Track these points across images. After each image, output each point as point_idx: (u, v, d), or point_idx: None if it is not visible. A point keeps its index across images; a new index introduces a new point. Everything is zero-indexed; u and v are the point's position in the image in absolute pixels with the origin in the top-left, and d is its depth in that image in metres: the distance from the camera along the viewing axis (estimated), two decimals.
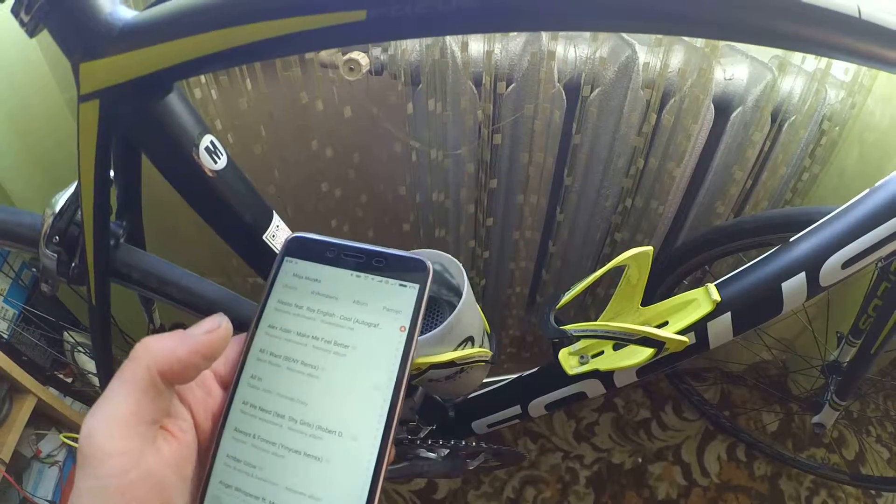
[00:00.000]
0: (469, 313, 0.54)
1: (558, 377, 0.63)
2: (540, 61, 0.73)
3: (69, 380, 1.03)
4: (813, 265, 0.51)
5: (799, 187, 0.88)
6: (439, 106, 0.77)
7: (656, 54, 0.74)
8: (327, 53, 0.71)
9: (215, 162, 0.47)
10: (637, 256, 0.56)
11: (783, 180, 0.87)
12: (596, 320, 0.59)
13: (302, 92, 0.76)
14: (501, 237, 1.00)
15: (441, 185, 0.88)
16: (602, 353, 0.60)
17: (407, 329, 0.26)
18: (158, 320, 0.85)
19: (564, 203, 0.92)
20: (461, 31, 0.37)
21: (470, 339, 0.55)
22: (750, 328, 0.55)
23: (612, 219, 0.94)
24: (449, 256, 0.55)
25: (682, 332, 0.54)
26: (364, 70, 0.72)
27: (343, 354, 0.26)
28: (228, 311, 0.59)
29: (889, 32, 0.37)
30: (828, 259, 0.51)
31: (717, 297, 0.54)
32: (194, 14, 0.38)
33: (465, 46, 0.73)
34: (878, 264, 0.73)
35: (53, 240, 0.53)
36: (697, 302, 0.56)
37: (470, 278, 1.05)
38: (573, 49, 0.76)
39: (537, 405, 0.67)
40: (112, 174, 0.51)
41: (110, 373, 0.67)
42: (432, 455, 0.73)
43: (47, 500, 0.92)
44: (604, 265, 0.56)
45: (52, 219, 0.52)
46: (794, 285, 0.52)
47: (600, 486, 1.15)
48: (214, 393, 0.28)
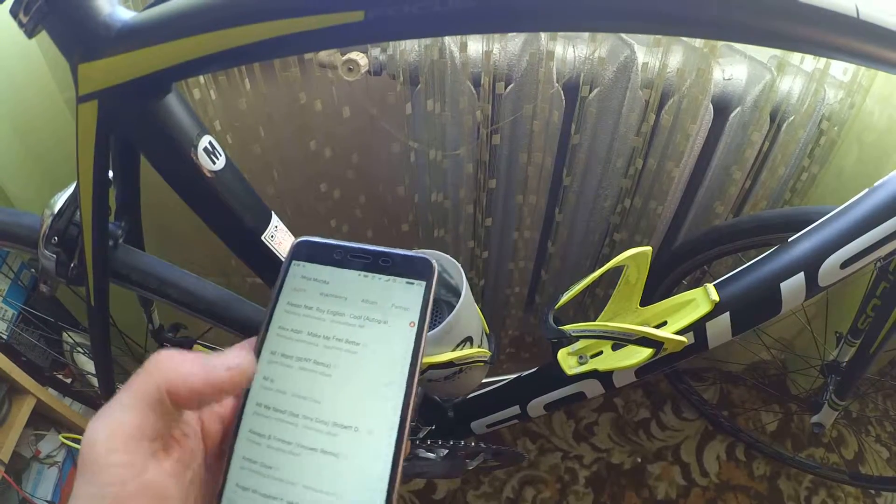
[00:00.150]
0: (468, 314, 0.54)
1: (557, 377, 0.63)
2: (539, 61, 0.73)
3: (68, 380, 1.03)
4: (812, 265, 0.51)
5: (798, 187, 0.88)
6: (438, 106, 0.77)
7: (655, 54, 0.74)
8: (326, 54, 0.71)
9: (214, 163, 0.47)
10: (636, 256, 0.56)
11: (782, 180, 0.87)
12: (595, 320, 0.60)
13: (301, 92, 0.76)
14: (500, 237, 1.00)
15: (440, 185, 0.88)
16: (601, 353, 0.61)
17: (416, 325, 0.27)
18: (158, 320, 0.85)
19: (563, 203, 0.92)
20: (459, 31, 0.37)
21: (469, 340, 0.55)
22: (749, 328, 0.55)
23: (611, 219, 0.94)
24: (447, 257, 0.56)
25: (680, 332, 0.54)
26: (363, 70, 0.72)
27: (355, 352, 0.27)
28: (227, 312, 0.60)
29: (887, 32, 0.37)
30: (826, 259, 0.51)
31: (715, 297, 0.54)
32: (193, 15, 0.38)
33: (463, 47, 0.73)
34: (877, 264, 0.73)
35: (52, 240, 0.53)
36: (696, 302, 0.56)
37: (469, 278, 1.05)
38: (572, 49, 0.76)
39: (536, 405, 0.67)
40: (111, 175, 0.51)
41: (110, 373, 0.67)
42: (431, 455, 0.73)
43: (46, 501, 0.92)
44: (603, 265, 0.57)
45: (51, 219, 0.52)
46: (793, 285, 0.52)
47: (599, 486, 1.15)
48: (226, 402, 0.27)
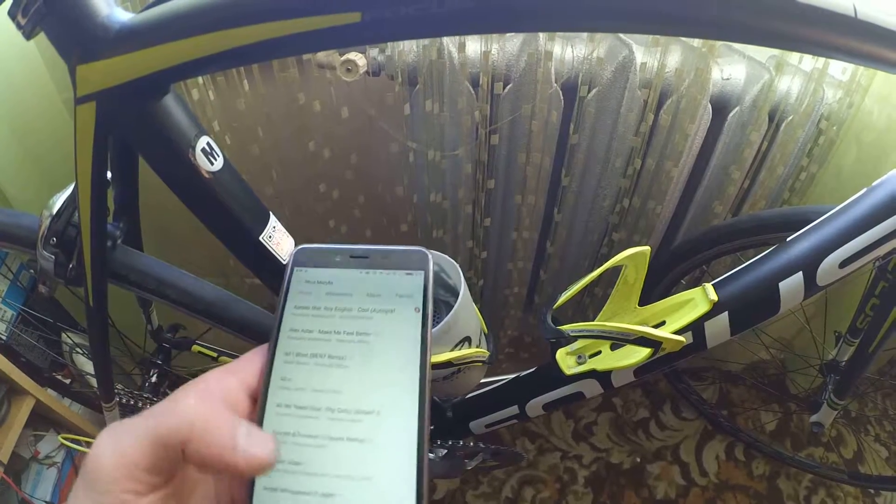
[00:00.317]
0: (466, 314, 0.54)
1: (556, 377, 0.63)
2: (537, 61, 0.73)
3: (67, 381, 1.02)
4: (810, 264, 0.51)
5: (796, 187, 0.88)
6: (437, 106, 0.77)
7: (653, 54, 0.74)
8: (325, 54, 0.71)
9: (212, 163, 0.47)
10: (634, 256, 0.56)
11: (781, 180, 0.87)
12: (593, 320, 0.60)
13: (299, 93, 0.76)
14: (499, 237, 1.00)
15: (439, 185, 0.88)
16: (599, 352, 0.61)
17: (421, 309, 0.28)
18: (156, 321, 0.85)
19: (562, 203, 0.92)
20: (456, 32, 0.37)
21: (467, 340, 0.55)
22: (747, 328, 0.55)
23: (610, 219, 0.94)
24: (445, 257, 0.56)
25: (679, 331, 0.54)
26: (361, 71, 0.72)
27: (367, 341, 0.28)
28: (226, 312, 0.60)
29: (885, 32, 0.37)
30: (825, 258, 0.51)
31: (714, 296, 0.54)
32: (190, 16, 0.38)
33: (462, 47, 0.73)
34: (876, 263, 0.73)
35: (51, 241, 0.53)
36: (695, 302, 0.56)
37: (468, 279, 1.05)
38: (570, 49, 0.76)
39: (535, 405, 0.67)
40: (109, 176, 0.51)
41: (109, 374, 0.67)
42: (430, 455, 0.73)
43: (45, 501, 0.92)
44: (601, 265, 0.57)
45: (50, 220, 0.52)
46: (792, 285, 0.52)
47: (599, 486, 1.15)
48: (241, 406, 0.27)
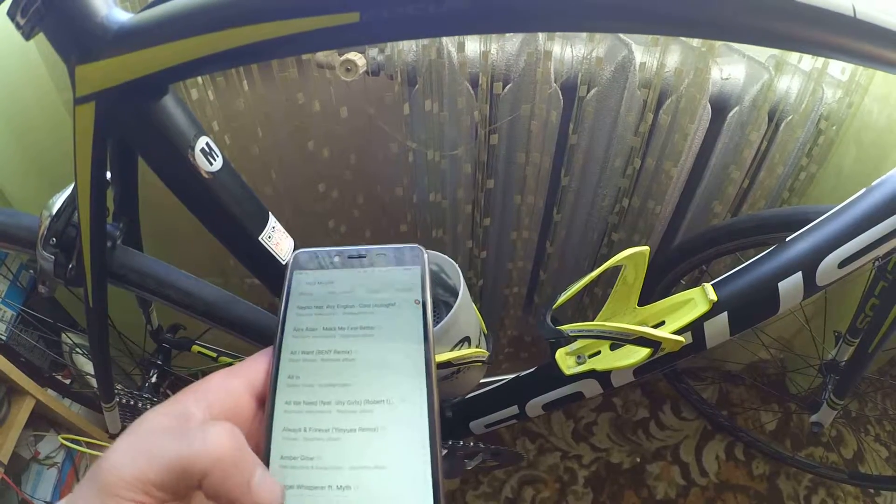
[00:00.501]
0: (465, 314, 0.55)
1: (555, 377, 0.63)
2: (536, 61, 0.73)
3: (67, 381, 1.03)
4: (809, 264, 0.51)
5: (796, 187, 0.88)
6: (436, 106, 0.77)
7: (653, 54, 0.74)
8: (324, 54, 0.71)
9: (211, 164, 0.47)
10: (633, 256, 0.56)
11: (780, 180, 0.87)
12: (593, 320, 0.60)
13: (299, 93, 0.76)
14: (499, 237, 1.00)
15: (438, 185, 0.88)
16: (599, 352, 0.61)
17: (421, 301, 0.29)
18: (156, 321, 0.85)
19: (561, 203, 0.92)
20: (454, 32, 0.37)
21: (466, 340, 0.56)
22: (747, 328, 0.55)
23: (609, 219, 0.94)
24: (445, 257, 0.56)
25: (678, 331, 0.54)
26: (361, 71, 0.72)
27: (371, 335, 0.29)
28: (226, 312, 0.60)
29: (884, 32, 0.37)
30: (824, 258, 0.51)
31: (713, 296, 0.54)
32: (189, 17, 0.38)
33: (461, 47, 0.73)
34: (875, 263, 0.72)
35: (50, 241, 0.53)
36: (694, 302, 0.56)
37: (467, 279, 1.05)
38: (570, 49, 0.76)
39: (535, 405, 0.67)
40: (109, 176, 0.51)
41: (109, 374, 0.67)
42: None
43: (46, 502, 0.92)
44: (601, 265, 0.57)
45: (49, 220, 0.52)
46: (791, 285, 0.52)
47: (599, 486, 1.15)
48: (246, 408, 0.27)
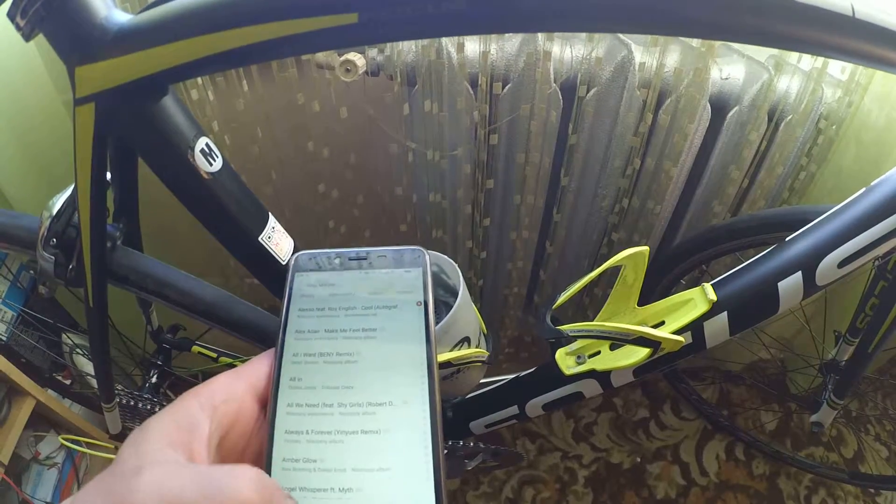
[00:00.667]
0: (465, 314, 0.55)
1: (555, 377, 0.63)
2: (536, 62, 0.73)
3: (68, 382, 1.03)
4: (809, 264, 0.51)
5: (796, 186, 0.88)
6: (436, 107, 0.77)
7: (652, 54, 0.74)
8: (323, 55, 0.71)
9: (210, 164, 0.47)
10: (633, 256, 0.56)
11: (780, 179, 0.87)
12: (593, 320, 0.60)
13: (298, 93, 0.76)
14: (499, 238, 1.00)
15: (438, 185, 0.88)
16: (599, 353, 0.61)
17: (423, 303, 0.29)
18: (157, 322, 0.85)
19: (561, 203, 0.92)
20: (452, 33, 0.37)
21: (466, 340, 0.56)
22: (746, 328, 0.55)
23: (609, 219, 0.94)
24: (445, 257, 0.56)
25: (678, 331, 0.54)
26: (360, 71, 0.72)
27: (373, 336, 0.29)
28: (226, 313, 0.60)
29: (883, 31, 0.37)
30: (824, 258, 0.51)
31: (713, 296, 0.54)
32: (189, 17, 0.38)
33: (461, 47, 0.73)
34: (875, 263, 0.72)
35: (51, 242, 0.53)
36: (694, 302, 0.56)
37: (467, 279, 1.05)
38: (569, 49, 0.76)
39: (535, 405, 0.67)
40: (109, 176, 0.51)
41: (109, 374, 0.67)
42: None
43: (46, 502, 0.92)
44: (601, 265, 0.57)
45: (50, 221, 0.52)
46: (791, 284, 0.52)
47: (599, 486, 1.15)
48: (250, 411, 0.27)
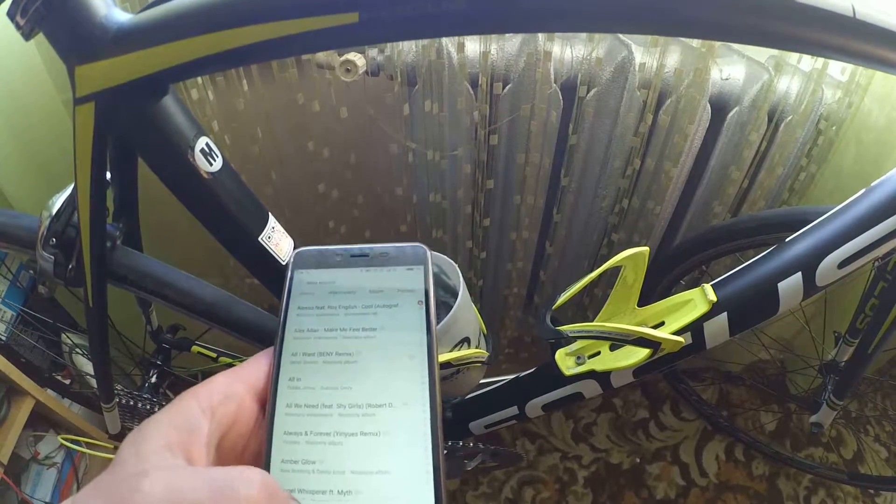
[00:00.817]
0: (465, 314, 0.55)
1: (555, 378, 0.63)
2: (536, 62, 0.73)
3: (67, 381, 1.02)
4: (809, 265, 0.51)
5: (796, 187, 0.88)
6: (436, 107, 0.77)
7: (652, 55, 0.74)
8: (324, 54, 0.71)
9: (210, 164, 0.47)
10: (633, 257, 0.56)
11: (780, 180, 0.87)
12: (593, 321, 0.60)
13: (299, 93, 0.76)
14: (499, 238, 1.00)
15: (438, 185, 0.88)
16: (599, 353, 0.61)
17: (424, 302, 0.29)
18: (156, 321, 0.85)
19: (561, 204, 0.92)
20: (452, 32, 0.37)
21: (466, 340, 0.55)
22: (746, 328, 0.55)
23: (609, 219, 0.94)
24: (445, 257, 0.56)
25: (678, 332, 0.54)
26: (360, 71, 0.72)
27: (373, 336, 0.28)
28: (226, 313, 0.60)
29: (883, 32, 0.37)
30: (824, 259, 0.51)
31: (713, 297, 0.54)
32: (188, 17, 0.38)
33: (461, 47, 0.73)
34: (875, 264, 0.73)
35: (50, 242, 0.53)
36: (694, 302, 0.56)
37: (467, 279, 1.05)
38: (569, 49, 0.76)
39: (534, 406, 0.67)
40: (108, 176, 0.51)
41: (108, 374, 0.67)
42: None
43: (45, 502, 0.91)
44: (601, 265, 0.57)
45: (49, 221, 0.52)
46: (791, 285, 0.52)
47: (598, 487, 1.15)
48: (249, 411, 0.27)
